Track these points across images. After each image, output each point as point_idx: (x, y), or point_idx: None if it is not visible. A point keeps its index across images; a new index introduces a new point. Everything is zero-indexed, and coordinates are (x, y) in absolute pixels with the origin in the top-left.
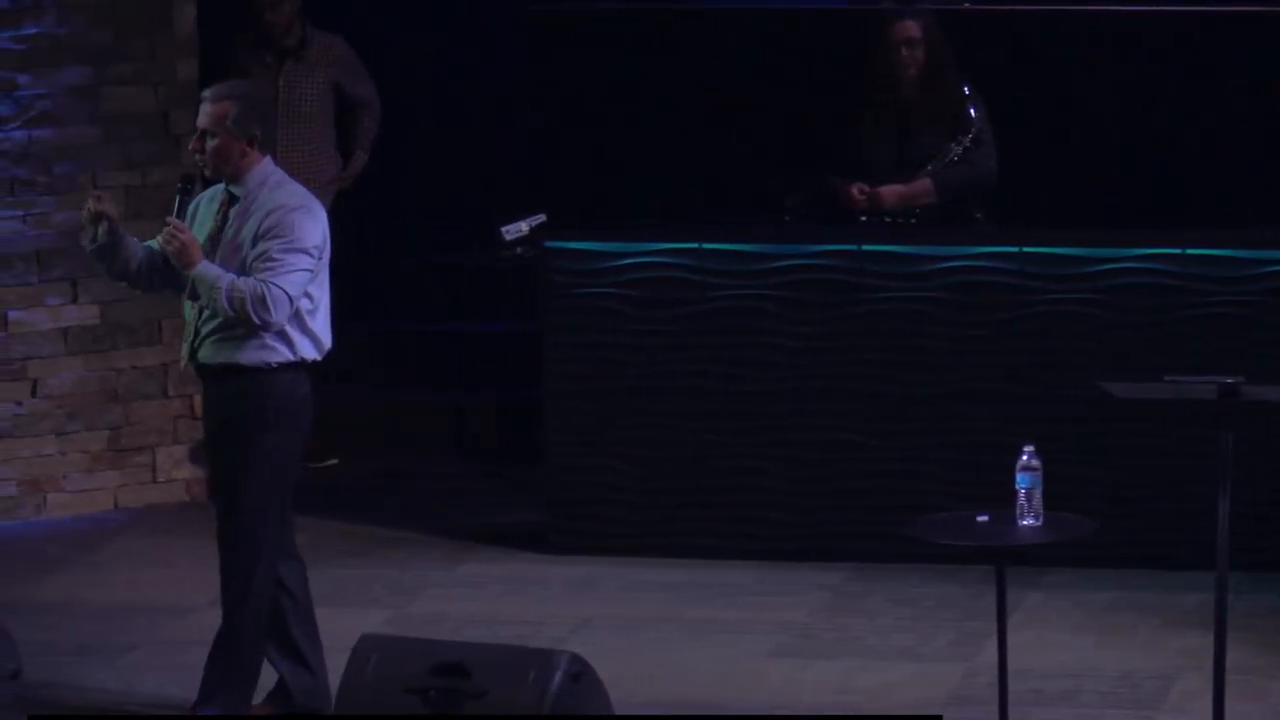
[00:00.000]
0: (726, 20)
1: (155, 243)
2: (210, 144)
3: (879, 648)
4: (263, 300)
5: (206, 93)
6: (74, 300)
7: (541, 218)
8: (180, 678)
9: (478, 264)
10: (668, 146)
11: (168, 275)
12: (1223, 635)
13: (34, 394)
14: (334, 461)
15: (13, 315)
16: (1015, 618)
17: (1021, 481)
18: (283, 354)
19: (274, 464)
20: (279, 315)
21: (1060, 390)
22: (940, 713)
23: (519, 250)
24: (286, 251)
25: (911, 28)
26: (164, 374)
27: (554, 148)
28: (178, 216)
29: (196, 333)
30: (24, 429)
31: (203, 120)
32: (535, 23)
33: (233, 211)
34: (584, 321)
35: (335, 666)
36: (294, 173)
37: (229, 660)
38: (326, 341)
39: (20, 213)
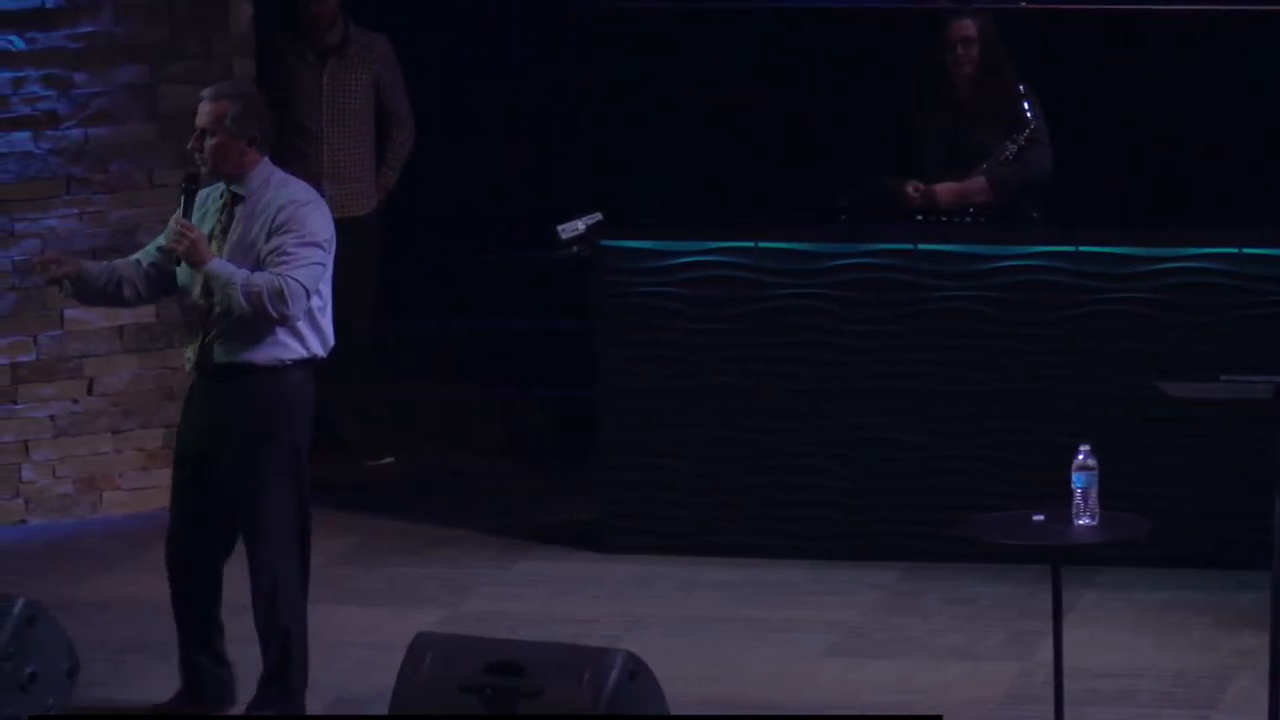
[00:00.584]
0: (784, 18)
1: (150, 251)
2: (209, 143)
3: (933, 647)
4: (280, 294)
5: (206, 92)
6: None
7: (598, 216)
8: (235, 675)
9: (534, 263)
10: (723, 145)
11: (157, 283)
12: (1278, 635)
13: (90, 392)
14: (390, 460)
15: (69, 314)
16: (1070, 617)
17: (1077, 481)
18: (295, 351)
19: (293, 461)
20: (296, 308)
21: (1116, 390)
22: (996, 713)
23: (575, 249)
24: (300, 245)
25: (967, 26)
26: None
27: (611, 147)
28: (184, 216)
29: (205, 332)
30: (80, 427)
31: (202, 119)
32: (596, 22)
33: (238, 211)
34: (639, 320)
35: (390, 665)
36: (345, 170)
37: (280, 658)
38: (332, 339)
39: (76, 210)
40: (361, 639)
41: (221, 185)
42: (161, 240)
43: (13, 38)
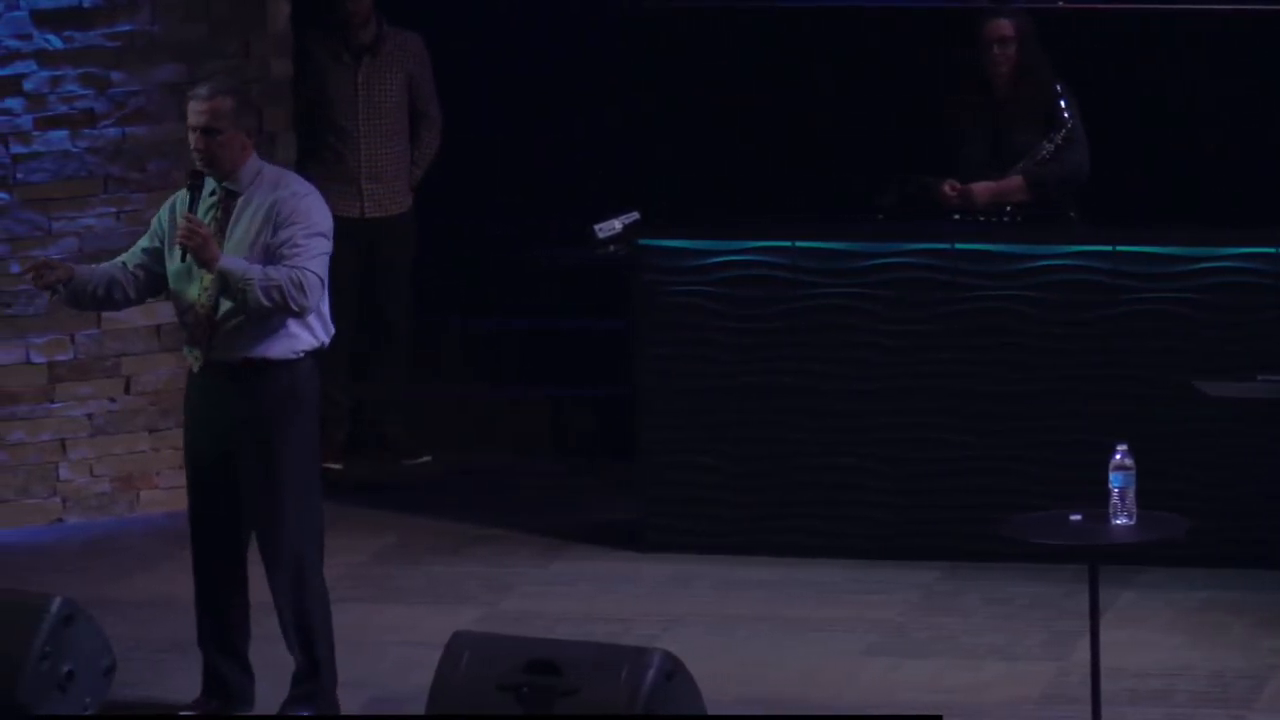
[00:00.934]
0: (820, 17)
1: (136, 253)
2: (216, 140)
3: (972, 647)
4: (300, 286)
5: (200, 90)
6: (167, 297)
7: (635, 215)
8: (271, 674)
9: (571, 261)
10: (760, 144)
11: (145, 286)
12: None
13: (127, 391)
14: (427, 459)
15: (106, 313)
16: (1108, 617)
17: (1115, 480)
18: (307, 341)
19: (310, 450)
20: (314, 299)
21: (1154, 389)
22: (1034, 712)
23: (612, 248)
24: (309, 236)
25: (1004, 26)
26: None
27: (648, 145)
28: (191, 213)
29: (212, 330)
30: (117, 426)
31: (203, 118)
32: (629, 20)
33: (236, 206)
34: (677, 319)
35: (428, 663)
36: (382, 169)
37: (309, 654)
38: (332, 327)
39: (114, 209)
40: (400, 637)
41: (208, 184)
42: (146, 242)
43: (50, 37)
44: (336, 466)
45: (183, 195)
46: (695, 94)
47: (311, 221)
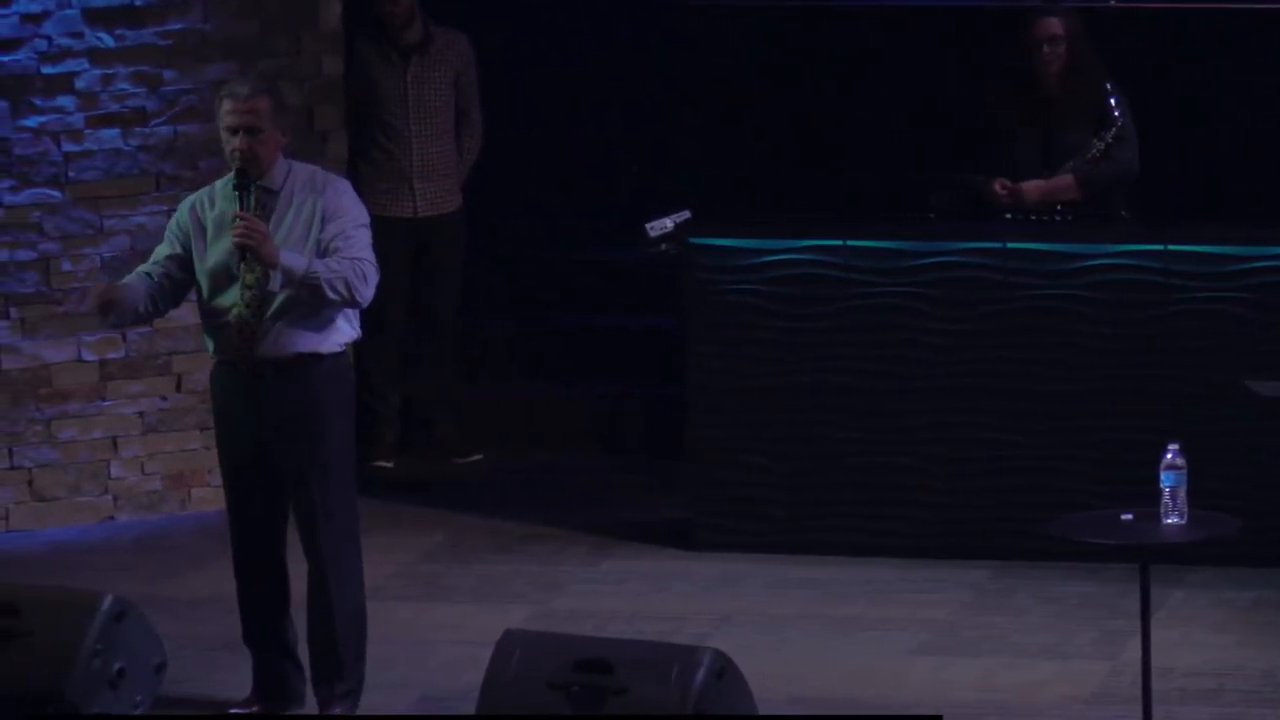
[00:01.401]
0: (872, 16)
1: (161, 259)
2: (258, 139)
3: (1023, 646)
4: (364, 277)
5: (239, 90)
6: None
7: (686, 214)
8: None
9: (623, 260)
10: (812, 143)
11: (170, 294)
12: None
13: (178, 389)
14: (478, 457)
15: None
16: (1159, 616)
17: (1166, 480)
18: (348, 335)
19: (351, 444)
20: (372, 290)
21: (1205, 389)
22: (1084, 712)
23: (664, 247)
24: (358, 228)
25: (1054, 25)
26: None
27: (701, 144)
28: (248, 211)
29: (259, 328)
30: (169, 424)
31: (245, 118)
32: (679, 16)
33: (275, 204)
34: (728, 318)
35: (479, 662)
36: (433, 168)
37: (350, 652)
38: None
39: (165, 208)
40: (450, 636)
41: (228, 181)
42: (167, 250)
43: (102, 35)
44: (388, 465)
45: (198, 198)
46: (748, 92)
47: (357, 213)
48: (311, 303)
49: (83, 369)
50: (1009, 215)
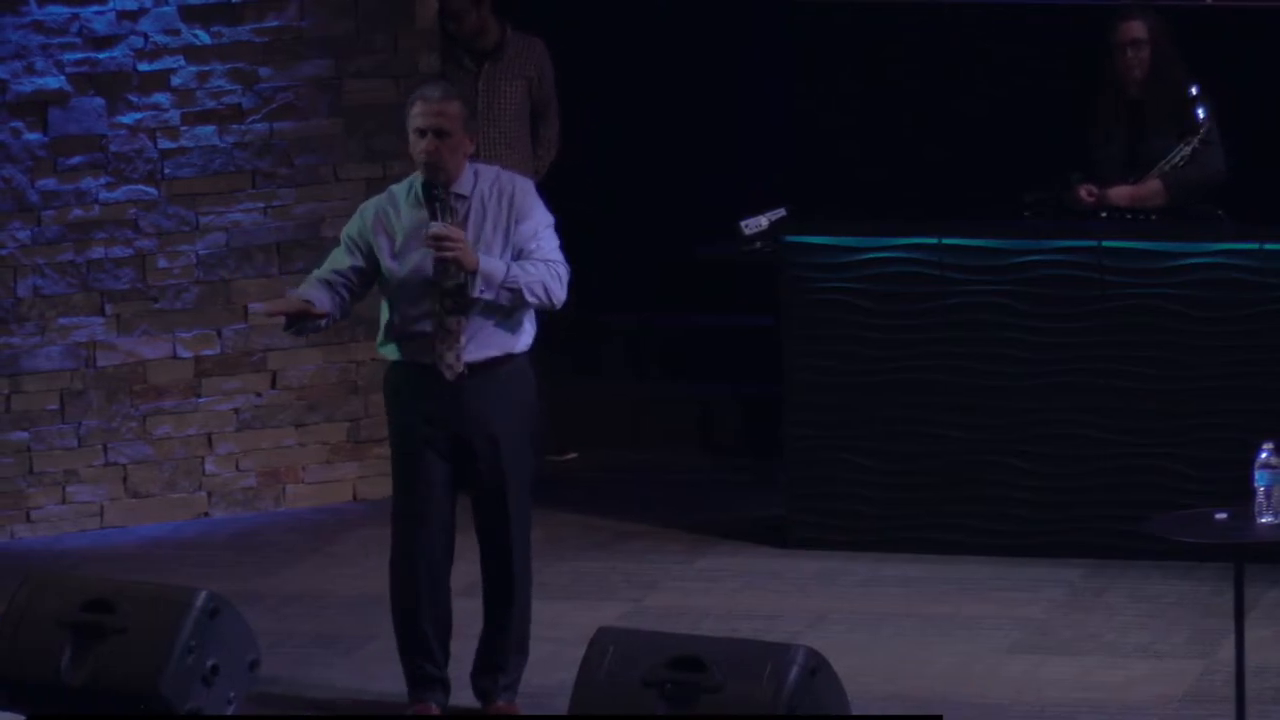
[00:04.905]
0: (969, 15)
1: (342, 265)
2: (447, 143)
3: (1117, 644)
4: (560, 279)
5: (431, 92)
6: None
7: (781, 212)
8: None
9: (719, 258)
10: (908, 141)
11: (351, 304)
12: None
13: (274, 385)
14: (573, 455)
15: (254, 307)
16: (1253, 615)
17: (1260, 479)
18: (532, 335)
19: (531, 443)
20: (565, 291)
21: None
22: (1178, 711)
23: (759, 245)
24: (547, 229)
25: (1137, 28)
26: None
27: (796, 141)
28: (442, 220)
29: (456, 334)
30: (264, 420)
31: (435, 120)
32: (792, 16)
33: (468, 209)
34: (823, 316)
35: (574, 659)
36: None
37: (523, 644)
38: None
39: (261, 204)
40: (546, 633)
41: (410, 189)
42: (348, 260)
43: (199, 32)
44: None
45: (380, 207)
46: (846, 90)
47: (544, 213)
48: (508, 306)
49: (178, 365)
50: (1104, 214)
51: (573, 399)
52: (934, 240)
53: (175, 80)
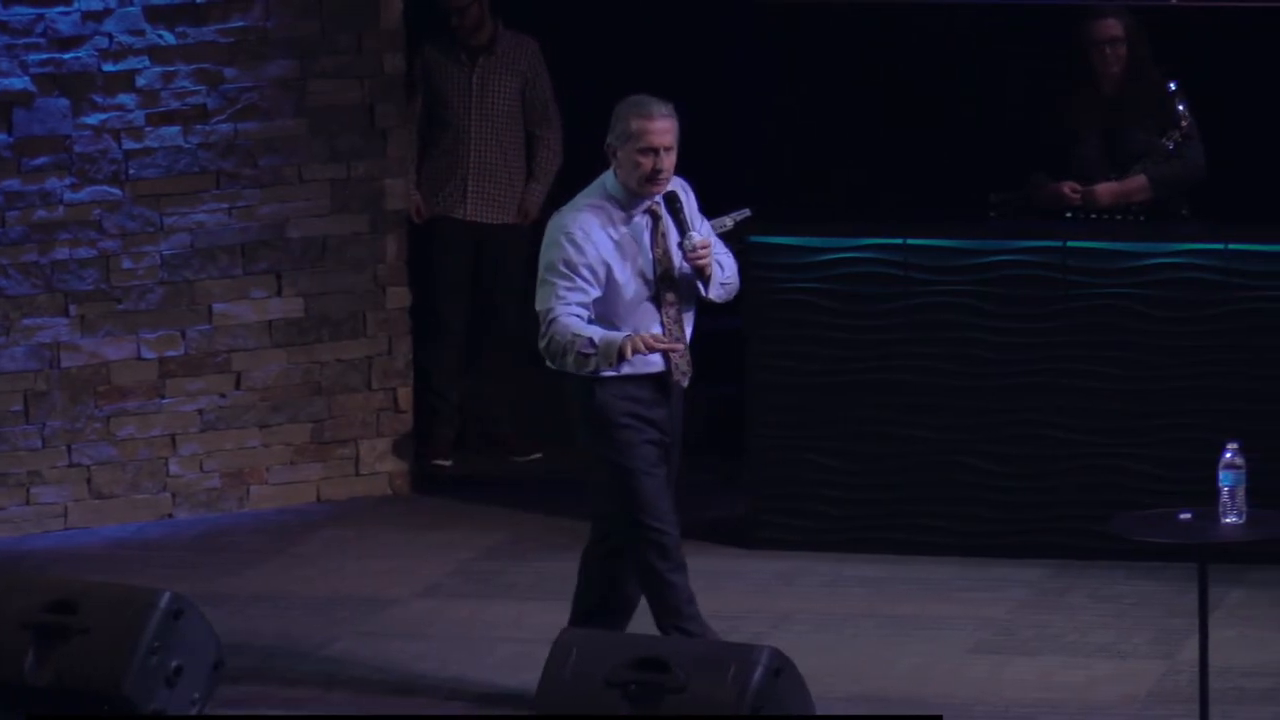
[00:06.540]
0: (936, 14)
1: (591, 300)
2: (671, 156)
3: (1080, 645)
4: (738, 273)
5: (661, 109)
6: (278, 293)
7: (746, 212)
8: (382, 671)
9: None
10: (873, 141)
11: None
12: None
13: (238, 386)
14: (538, 455)
15: (217, 308)
16: (1217, 615)
17: (1225, 479)
18: None
19: None
20: None
21: (1265, 387)
22: (1141, 711)
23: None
24: (706, 223)
25: (1114, 26)
26: (368, 367)
27: (761, 142)
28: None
29: (680, 342)
30: (228, 421)
31: (668, 137)
32: (749, 15)
33: (662, 221)
34: (788, 316)
35: (537, 660)
36: (492, 171)
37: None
38: None
39: (225, 205)
40: (508, 633)
41: (605, 200)
42: (587, 292)
43: (164, 32)
44: (446, 464)
45: (602, 227)
46: (809, 90)
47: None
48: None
49: (142, 366)
50: (1068, 215)
51: (536, 400)
52: (899, 241)
53: (140, 81)
